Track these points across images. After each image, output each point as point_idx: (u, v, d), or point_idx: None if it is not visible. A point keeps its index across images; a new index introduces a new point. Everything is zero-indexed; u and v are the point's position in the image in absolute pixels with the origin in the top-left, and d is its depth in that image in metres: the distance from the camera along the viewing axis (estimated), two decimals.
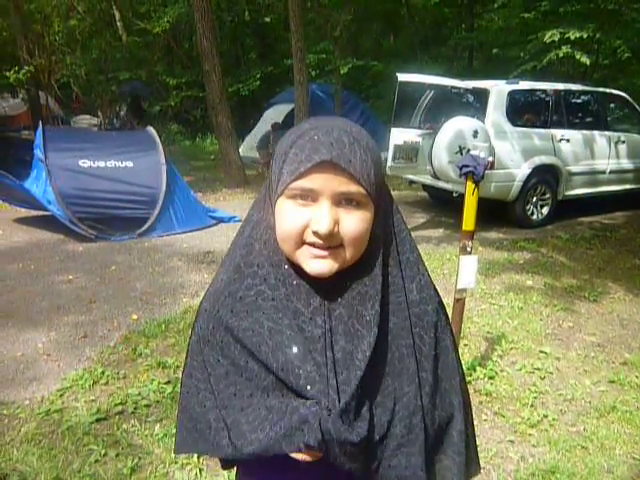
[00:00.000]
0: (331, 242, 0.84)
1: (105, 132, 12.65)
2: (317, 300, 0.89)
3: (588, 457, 2.51)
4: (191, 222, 6.41)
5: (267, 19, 17.54)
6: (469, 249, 2.86)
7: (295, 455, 0.89)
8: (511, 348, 3.56)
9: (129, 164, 6.26)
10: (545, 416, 2.82)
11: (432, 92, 7.05)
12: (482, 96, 6.43)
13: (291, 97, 10.30)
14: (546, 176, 6.65)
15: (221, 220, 6.72)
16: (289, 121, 10.34)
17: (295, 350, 0.88)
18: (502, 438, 2.65)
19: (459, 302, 2.97)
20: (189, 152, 13.44)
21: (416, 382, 0.93)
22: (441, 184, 6.44)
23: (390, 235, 0.94)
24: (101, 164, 6.13)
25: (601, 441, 2.63)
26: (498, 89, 6.42)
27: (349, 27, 12.99)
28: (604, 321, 4.08)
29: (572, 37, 7.42)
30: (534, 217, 6.78)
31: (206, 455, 1.39)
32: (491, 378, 3.16)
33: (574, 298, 4.48)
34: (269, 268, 0.91)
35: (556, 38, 7.50)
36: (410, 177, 7.26)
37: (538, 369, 3.29)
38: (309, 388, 0.87)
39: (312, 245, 0.85)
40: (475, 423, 1.10)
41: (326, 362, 0.87)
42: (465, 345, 3.53)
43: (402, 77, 5.87)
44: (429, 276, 1.00)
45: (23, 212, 6.85)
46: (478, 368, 3.23)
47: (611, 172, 7.20)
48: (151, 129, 6.93)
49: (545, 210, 6.83)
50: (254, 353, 0.90)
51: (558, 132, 6.70)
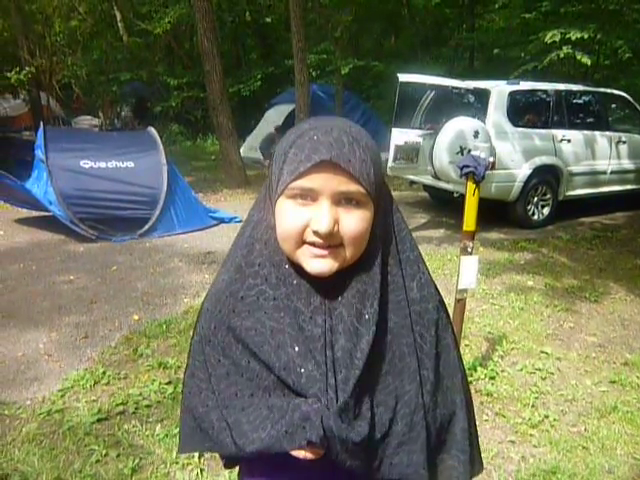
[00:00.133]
0: (331, 241, 0.84)
1: (106, 133, 12.66)
2: (317, 299, 0.89)
3: (589, 457, 2.51)
4: (192, 222, 6.41)
5: (268, 19, 17.57)
6: (470, 249, 2.85)
7: (297, 453, 0.89)
8: (512, 348, 3.56)
9: (130, 164, 6.27)
10: (546, 416, 2.81)
11: (433, 92, 7.05)
12: (483, 96, 6.43)
13: (292, 97, 10.31)
14: (547, 176, 6.65)
15: (222, 220, 6.72)
16: (291, 122, 10.34)
17: (297, 349, 0.88)
18: (503, 438, 2.65)
19: (460, 302, 2.97)
20: (190, 152, 13.45)
21: (417, 380, 0.93)
22: (442, 184, 6.44)
23: (390, 234, 0.94)
24: (102, 164, 6.14)
25: (602, 441, 2.62)
26: (499, 89, 6.42)
27: (350, 27, 13.00)
28: (605, 321, 4.07)
29: (573, 37, 7.40)
30: (535, 217, 6.77)
31: (210, 452, 1.40)
32: (492, 378, 3.16)
33: (575, 298, 4.48)
34: (270, 268, 0.91)
35: (557, 38, 7.48)
36: (411, 177, 7.26)
37: (539, 369, 3.29)
38: (310, 387, 0.87)
39: (312, 244, 0.85)
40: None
41: (325, 361, 0.87)
42: (466, 345, 3.52)
43: (403, 77, 5.87)
44: (430, 274, 1.00)
45: (24, 213, 6.86)
46: (479, 368, 3.23)
47: (612, 172, 7.19)
48: (152, 129, 6.93)
49: (546, 210, 6.82)
50: (256, 353, 0.91)
51: (559, 132, 6.70)
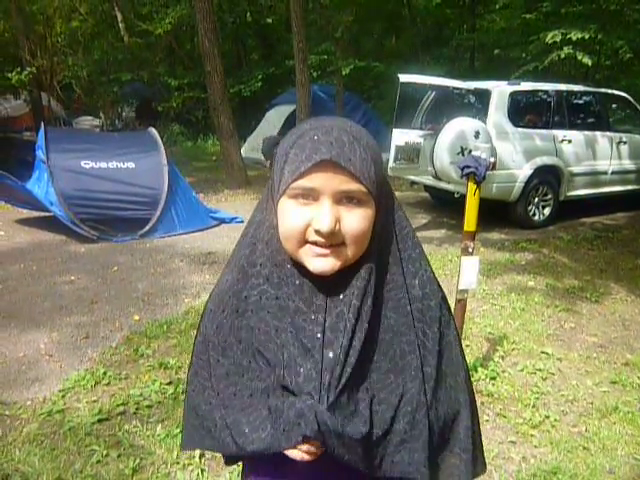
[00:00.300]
0: (333, 240, 0.84)
1: (107, 133, 12.67)
2: (319, 298, 0.89)
3: (590, 458, 2.51)
4: (193, 223, 6.41)
5: (269, 20, 17.58)
6: (471, 250, 2.86)
7: (294, 455, 0.90)
8: (513, 349, 3.56)
9: (131, 165, 6.26)
10: (547, 417, 2.81)
11: (434, 93, 7.05)
12: (484, 97, 6.43)
13: (293, 98, 10.30)
14: (548, 177, 6.65)
15: (223, 221, 6.72)
16: (292, 123, 10.33)
17: (298, 348, 0.89)
18: (504, 439, 2.65)
19: (461, 303, 2.97)
20: (191, 153, 13.45)
21: (420, 378, 0.93)
22: (443, 185, 6.44)
23: (390, 232, 0.94)
24: (103, 165, 6.14)
25: (603, 442, 2.62)
26: (500, 90, 6.42)
27: (351, 28, 13.00)
28: (606, 322, 4.07)
29: (574, 38, 7.40)
30: (536, 218, 6.77)
31: (212, 451, 1.41)
32: (493, 379, 3.16)
33: (576, 299, 4.47)
34: (272, 268, 0.92)
35: (558, 39, 7.48)
36: (412, 178, 7.26)
37: (540, 370, 3.28)
38: (305, 386, 0.88)
39: (314, 244, 0.85)
40: None
41: (322, 360, 0.88)
42: (467, 346, 3.52)
43: (404, 78, 5.86)
44: (432, 272, 1.00)
45: (25, 213, 6.86)
46: (480, 369, 3.23)
47: (613, 173, 7.19)
48: (153, 130, 6.92)
49: (547, 211, 6.82)
50: (261, 351, 0.91)
51: (560, 133, 6.70)
